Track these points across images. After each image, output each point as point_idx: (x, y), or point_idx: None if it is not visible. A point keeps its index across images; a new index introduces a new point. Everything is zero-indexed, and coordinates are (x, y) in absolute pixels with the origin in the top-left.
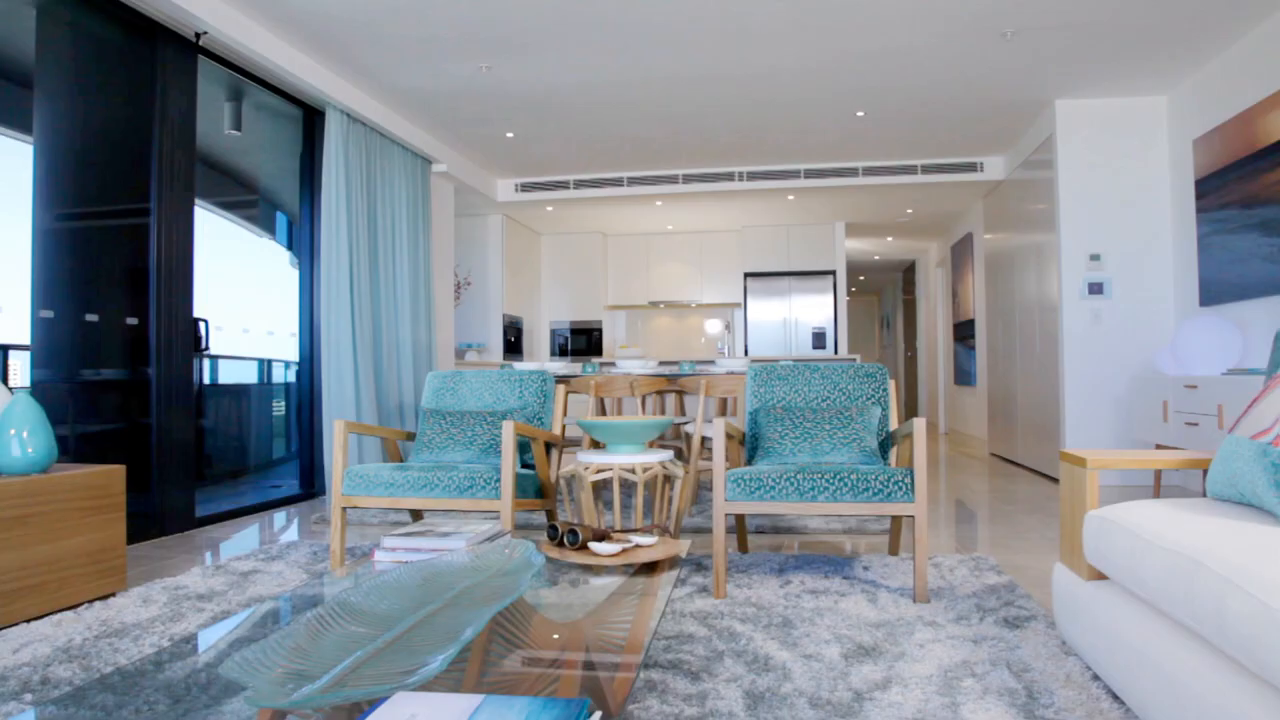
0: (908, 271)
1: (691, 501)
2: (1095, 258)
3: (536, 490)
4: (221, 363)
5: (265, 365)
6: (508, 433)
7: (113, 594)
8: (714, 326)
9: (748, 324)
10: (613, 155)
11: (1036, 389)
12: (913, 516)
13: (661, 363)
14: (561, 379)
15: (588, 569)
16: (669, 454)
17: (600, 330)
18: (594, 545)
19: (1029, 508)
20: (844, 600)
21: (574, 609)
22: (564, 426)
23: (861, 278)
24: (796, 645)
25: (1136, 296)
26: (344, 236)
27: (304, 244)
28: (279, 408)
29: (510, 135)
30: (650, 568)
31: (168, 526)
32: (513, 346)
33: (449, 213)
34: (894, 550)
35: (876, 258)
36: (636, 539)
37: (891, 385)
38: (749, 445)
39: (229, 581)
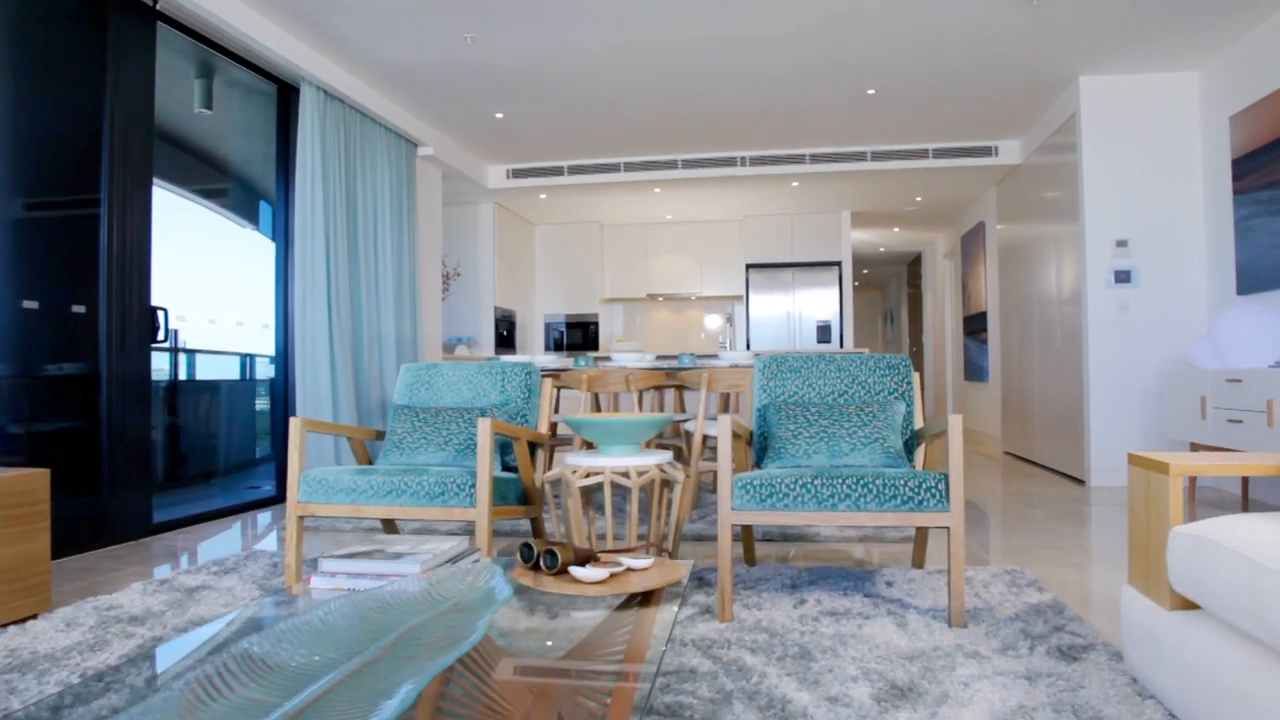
0: (913, 265)
1: (692, 505)
2: (1122, 244)
3: (519, 496)
4: (201, 358)
5: (248, 360)
6: (484, 431)
7: (33, 616)
8: (714, 321)
9: (749, 318)
10: (608, 139)
11: (1056, 384)
12: (947, 528)
13: (660, 357)
14: (552, 373)
15: (568, 600)
16: (667, 455)
17: (596, 324)
18: (576, 570)
19: (1056, 511)
20: (869, 624)
21: (546, 656)
22: (553, 425)
23: (865, 271)
24: (818, 684)
25: (1166, 285)
26: (320, 222)
27: (280, 231)
28: (261, 404)
29: (500, 116)
30: (644, 598)
31: (120, 534)
32: (505, 340)
33: (436, 199)
34: (918, 562)
35: (882, 249)
36: (628, 561)
37: (916, 379)
38: (757, 445)
39: (170, 600)
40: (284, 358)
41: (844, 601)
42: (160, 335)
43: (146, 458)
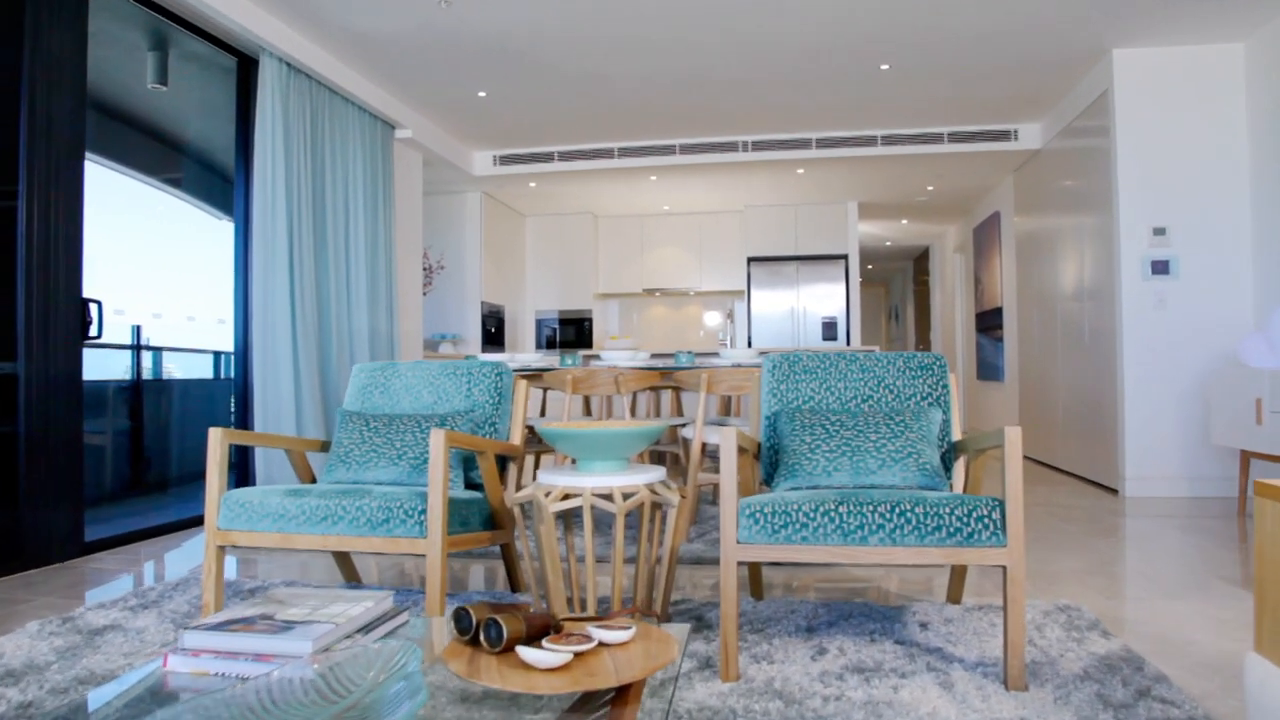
0: (919, 259)
1: (690, 521)
2: (1159, 232)
3: (485, 520)
4: (176, 356)
5: (221, 359)
6: (436, 445)
7: None
8: (714, 318)
9: (751, 314)
10: (600, 121)
11: (1084, 384)
12: (1003, 567)
13: (655, 355)
14: (534, 374)
15: (512, 701)
16: (659, 472)
17: (590, 320)
18: (525, 653)
19: (1092, 527)
20: (906, 686)
21: None
22: (527, 433)
23: (869, 267)
24: None
25: (1209, 276)
26: (282, 206)
27: (240, 216)
28: (227, 406)
29: (483, 95)
30: (620, 696)
31: (40, 556)
32: (493, 338)
33: (416, 186)
34: (954, 597)
35: (888, 244)
36: (600, 633)
37: (953, 381)
38: (766, 459)
39: (66, 645)
40: (244, 355)
41: (872, 651)
42: (94, 331)
43: (76, 468)
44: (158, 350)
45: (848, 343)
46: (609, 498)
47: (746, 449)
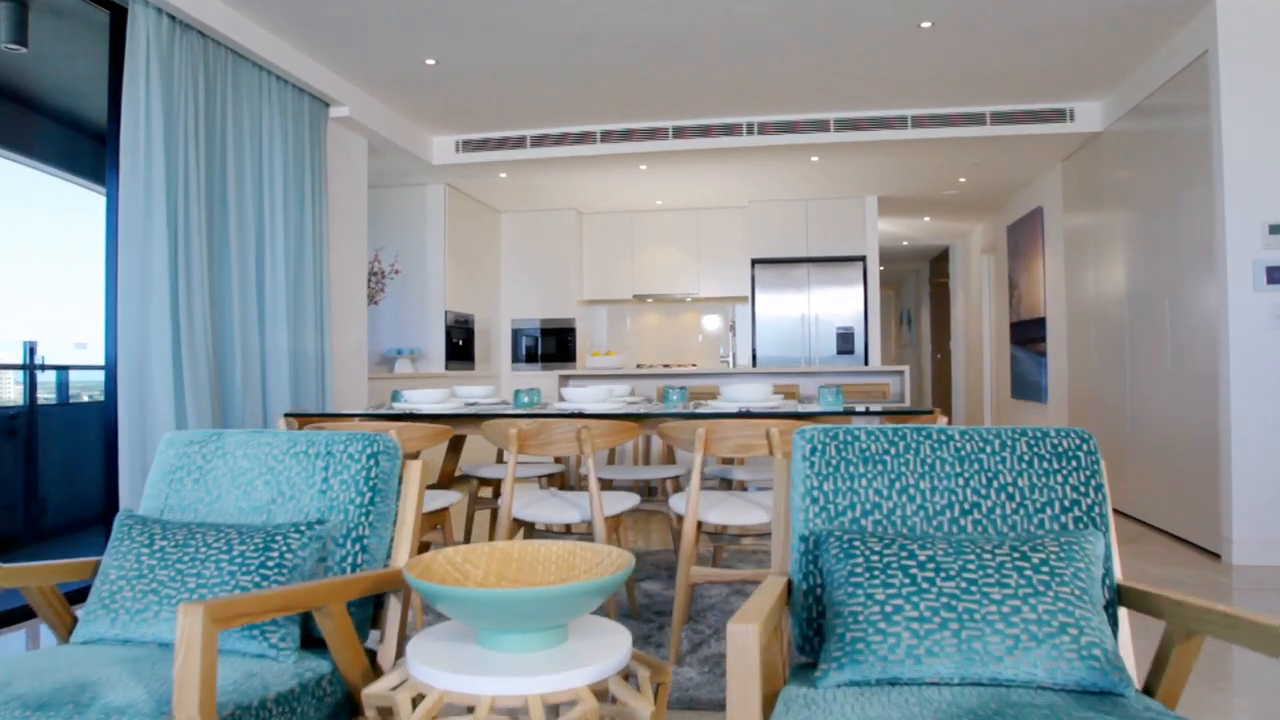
0: (937, 261)
1: (682, 620)
2: (1277, 230)
3: (329, 713)
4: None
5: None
6: (186, 634)
7: None
8: (713, 321)
9: (756, 322)
10: (579, 98)
11: (1169, 418)
12: None
13: (644, 373)
14: (465, 419)
15: None
16: (618, 656)
17: (573, 331)
18: None
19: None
20: None
21: None
22: (461, 476)
23: (880, 268)
24: None
25: None
26: (160, 198)
27: (110, 210)
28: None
29: (431, 63)
30: None
31: None
32: (459, 352)
33: (359, 175)
34: None
35: (905, 243)
36: None
37: (1104, 470)
38: (801, 612)
39: None
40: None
41: None
42: None
43: None
44: (63, 369)
45: (865, 358)
46: (524, 710)
47: (773, 611)
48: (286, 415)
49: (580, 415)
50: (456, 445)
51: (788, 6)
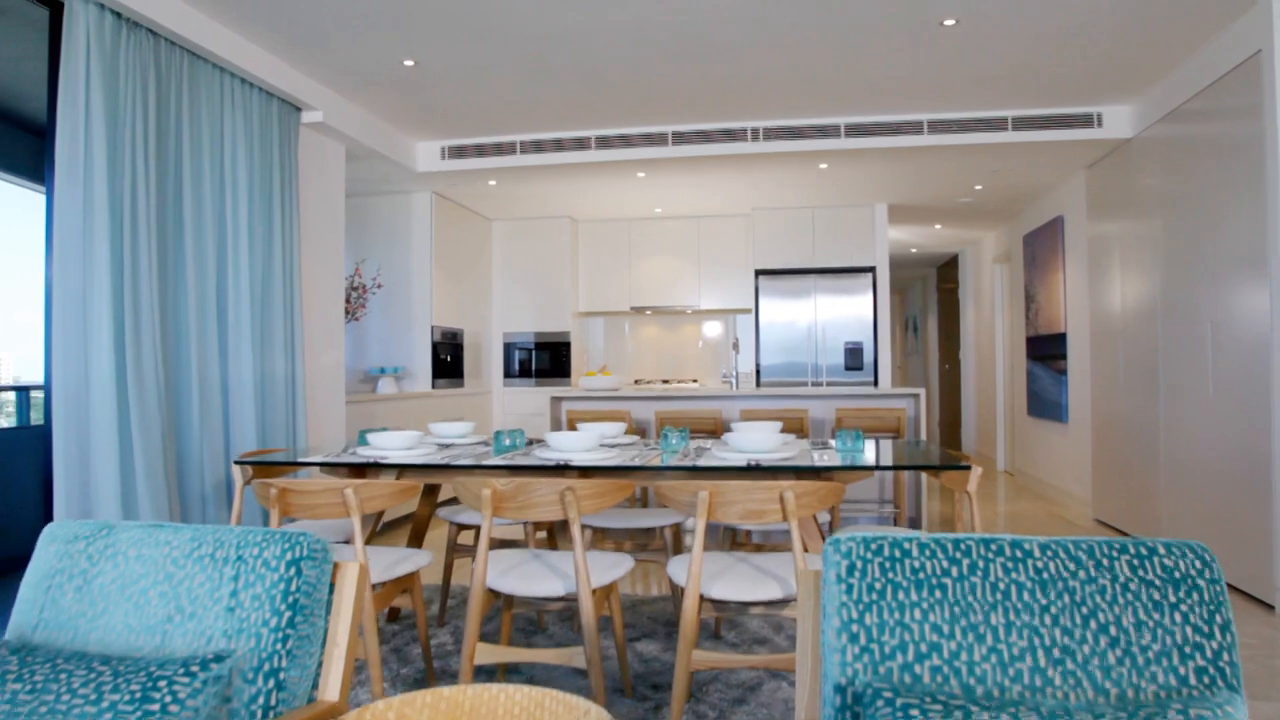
0: (945, 267)
1: (682, 703)
2: None
3: None
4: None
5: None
6: None
7: None
8: (715, 336)
9: (760, 335)
10: (573, 102)
11: (1211, 442)
12: None
13: (641, 393)
14: (440, 471)
15: None
16: None
17: (568, 344)
18: None
19: (1272, 683)
20: None
21: None
22: (432, 506)
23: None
24: None
25: None
26: (102, 209)
27: (47, 223)
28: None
29: (410, 64)
30: None
31: None
32: (447, 368)
33: (336, 184)
34: None
35: (913, 250)
36: None
37: (1231, 608)
38: None
39: None
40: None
41: None
42: None
43: None
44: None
45: (875, 376)
46: None
47: None
48: (238, 462)
49: (566, 468)
50: (432, 486)
51: (799, 3)
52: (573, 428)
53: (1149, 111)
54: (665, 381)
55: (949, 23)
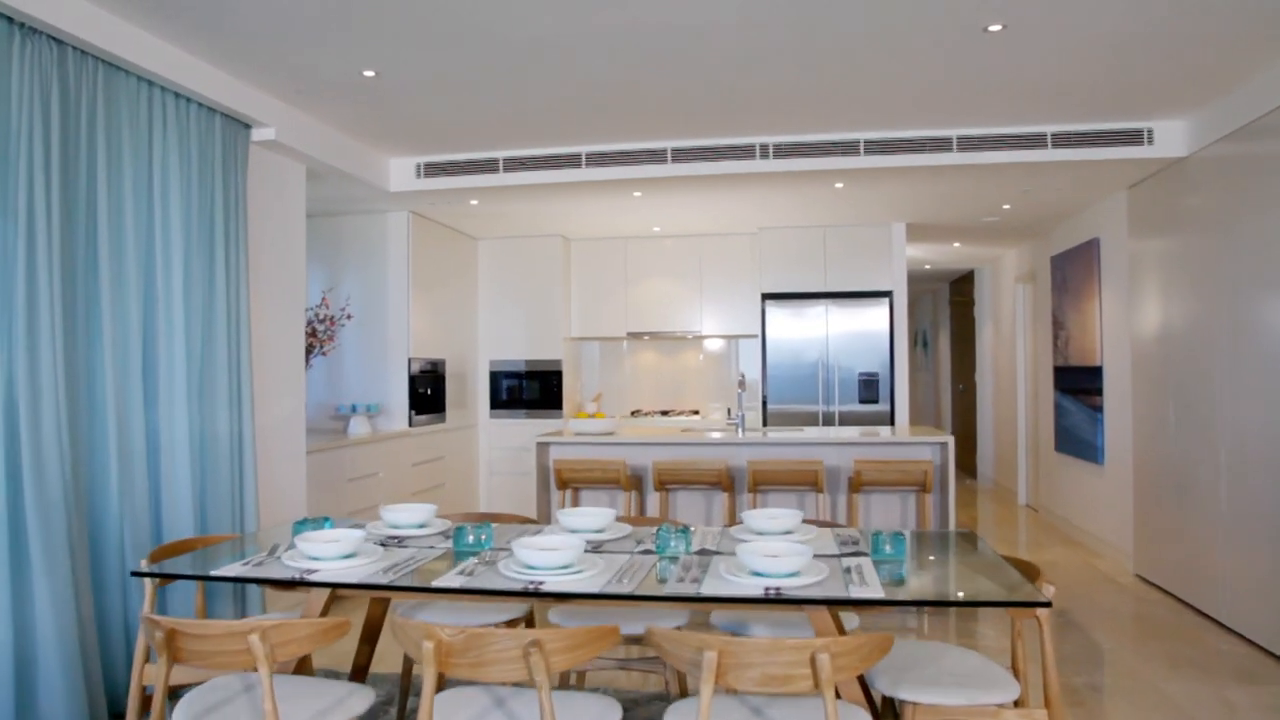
0: (959, 281)
1: None
2: None
3: None
4: None
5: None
6: None
7: None
8: (716, 358)
9: (767, 364)
10: (560, 117)
11: None
12: None
13: (637, 439)
14: (382, 592)
15: None
16: None
17: (559, 372)
18: None
19: None
20: None
21: None
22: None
23: None
24: None
25: None
26: None
27: None
28: None
29: (370, 74)
30: None
31: None
32: (427, 403)
33: (296, 208)
34: None
35: (927, 267)
36: None
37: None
38: None
39: None
40: None
41: None
42: None
43: None
44: None
45: (892, 411)
46: None
47: None
48: (135, 573)
49: (534, 595)
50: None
51: (818, 6)
52: (561, 482)
53: (1208, 128)
54: (664, 413)
55: (994, 28)
